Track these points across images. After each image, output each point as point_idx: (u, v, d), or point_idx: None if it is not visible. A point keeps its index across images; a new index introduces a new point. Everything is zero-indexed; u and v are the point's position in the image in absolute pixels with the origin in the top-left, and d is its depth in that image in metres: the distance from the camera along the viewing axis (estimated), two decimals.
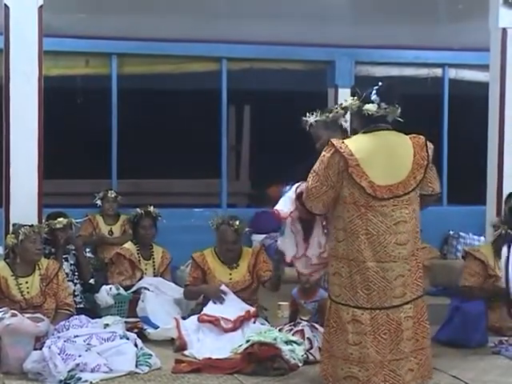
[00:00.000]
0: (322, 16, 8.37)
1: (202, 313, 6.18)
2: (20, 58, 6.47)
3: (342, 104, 5.31)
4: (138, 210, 7.33)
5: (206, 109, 10.06)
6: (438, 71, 10.30)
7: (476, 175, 8.03)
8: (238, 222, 6.54)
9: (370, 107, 4.81)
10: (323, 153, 4.75)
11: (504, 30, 7.22)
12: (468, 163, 10.24)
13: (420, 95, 10.33)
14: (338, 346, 4.76)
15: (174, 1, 8.01)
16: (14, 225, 6.25)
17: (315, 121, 5.76)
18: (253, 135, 11.96)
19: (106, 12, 8.30)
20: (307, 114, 5.78)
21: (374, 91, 4.85)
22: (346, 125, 5.75)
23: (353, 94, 4.97)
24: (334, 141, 4.75)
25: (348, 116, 5.32)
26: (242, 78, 9.87)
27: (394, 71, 10.20)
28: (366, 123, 4.85)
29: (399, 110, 4.95)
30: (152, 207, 7.34)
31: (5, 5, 6.45)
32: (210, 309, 6.23)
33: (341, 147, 4.70)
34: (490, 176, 7.34)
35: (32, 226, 6.07)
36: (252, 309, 6.22)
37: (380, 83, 4.87)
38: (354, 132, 4.84)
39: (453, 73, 10.31)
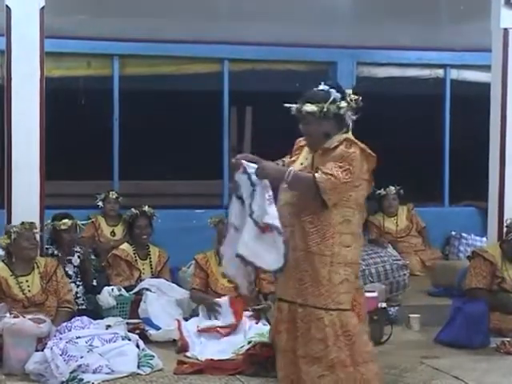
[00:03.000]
0: (324, 17, 8.36)
1: (199, 327, 6.16)
2: (22, 59, 6.47)
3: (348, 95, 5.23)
4: (133, 210, 7.36)
5: (207, 110, 10.05)
6: (440, 72, 10.29)
7: (478, 175, 8.02)
8: None
9: (345, 105, 4.63)
10: (352, 149, 4.48)
11: (506, 31, 7.21)
12: (470, 163, 10.24)
13: (422, 96, 10.34)
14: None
15: (176, 2, 8.00)
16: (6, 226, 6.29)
17: (310, 113, 5.41)
18: (254, 136, 11.94)
19: (107, 13, 8.30)
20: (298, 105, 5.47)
21: (333, 89, 4.63)
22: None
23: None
24: (352, 138, 4.57)
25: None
26: (243, 79, 9.86)
27: (396, 72, 10.20)
28: (342, 124, 4.63)
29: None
30: (147, 207, 7.36)
31: (6, 6, 6.45)
32: (204, 322, 6.24)
33: (362, 146, 4.55)
34: (492, 176, 7.34)
35: (23, 223, 6.10)
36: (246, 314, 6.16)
37: (330, 82, 4.68)
38: (327, 136, 4.55)
39: (455, 73, 10.29)
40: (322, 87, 4.62)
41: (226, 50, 9.55)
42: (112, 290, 6.64)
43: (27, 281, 6.10)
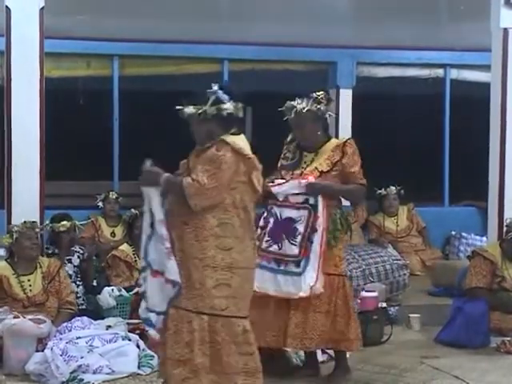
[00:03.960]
0: (324, 17, 8.36)
1: None
2: (21, 59, 6.46)
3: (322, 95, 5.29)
4: (132, 210, 7.36)
5: None
6: (440, 72, 10.29)
7: (478, 175, 8.02)
8: None
9: (230, 107, 4.57)
10: (221, 152, 4.37)
11: (505, 31, 7.21)
12: (470, 163, 10.23)
13: (421, 96, 10.33)
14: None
15: (176, 2, 8.00)
16: (8, 226, 6.29)
17: (306, 110, 5.38)
18: (254, 136, 11.94)
19: (107, 13, 8.29)
20: (296, 100, 5.42)
21: (221, 90, 4.59)
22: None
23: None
24: (227, 140, 4.44)
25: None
26: (243, 80, 9.85)
27: (396, 72, 10.19)
28: (227, 125, 4.53)
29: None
30: None
31: (6, 6, 6.45)
32: None
33: (236, 148, 4.43)
34: (492, 176, 7.34)
35: (25, 222, 6.10)
36: None
37: (224, 82, 4.71)
38: (210, 137, 4.49)
39: (454, 73, 10.29)
40: (212, 89, 4.59)
41: (226, 50, 9.55)
42: (112, 290, 6.64)
43: (29, 280, 6.10)
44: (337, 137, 5.49)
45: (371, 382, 5.41)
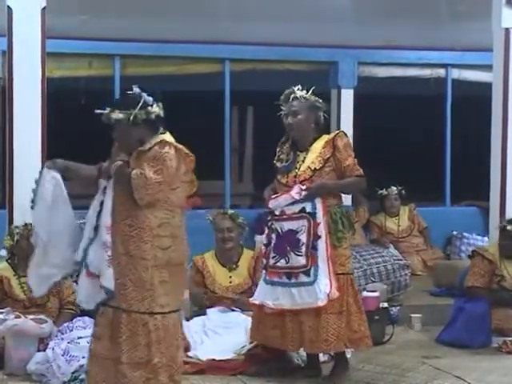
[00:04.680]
0: (325, 17, 8.36)
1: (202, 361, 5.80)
2: (23, 59, 6.47)
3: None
4: None
5: (209, 110, 10.05)
6: (441, 72, 10.28)
7: (479, 175, 8.02)
8: (232, 211, 6.57)
9: (156, 109, 4.55)
10: (165, 149, 4.39)
11: (507, 30, 7.22)
12: (471, 163, 10.24)
13: (423, 96, 10.33)
14: None
15: (177, 2, 8.01)
16: (9, 227, 6.30)
17: (304, 98, 5.38)
18: (256, 136, 11.95)
19: (108, 13, 8.30)
20: (294, 88, 5.43)
21: (143, 92, 4.56)
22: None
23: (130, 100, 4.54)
24: (167, 139, 4.47)
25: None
26: (245, 80, 9.86)
27: (397, 72, 10.19)
28: (156, 128, 4.53)
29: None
30: None
31: (8, 6, 6.46)
32: (213, 316, 6.24)
33: (178, 147, 4.48)
34: (494, 176, 7.34)
35: (26, 224, 6.10)
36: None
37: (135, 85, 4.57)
38: (141, 141, 4.45)
39: (456, 73, 10.29)
40: (133, 90, 4.55)
41: (227, 50, 9.55)
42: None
43: None
44: (324, 132, 5.44)
45: (372, 382, 5.41)
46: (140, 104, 4.50)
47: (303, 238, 5.22)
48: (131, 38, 9.07)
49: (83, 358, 5.32)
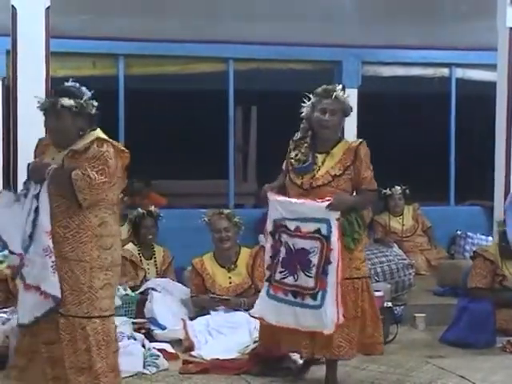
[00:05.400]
0: (329, 16, 8.36)
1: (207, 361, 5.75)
2: (27, 59, 6.48)
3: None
4: (139, 209, 7.38)
5: (213, 109, 10.06)
6: (445, 71, 10.27)
7: (484, 175, 8.02)
8: (228, 211, 6.57)
9: (95, 104, 4.53)
10: (104, 148, 4.38)
11: (511, 30, 7.21)
12: (475, 163, 10.23)
13: (427, 95, 10.33)
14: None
15: (181, 2, 8.01)
16: None
17: (343, 99, 5.14)
18: (260, 136, 11.95)
19: (112, 13, 8.31)
20: (337, 86, 5.20)
21: (81, 86, 4.54)
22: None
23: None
24: (102, 136, 4.49)
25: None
26: (248, 79, 9.86)
27: (401, 71, 10.18)
28: (93, 122, 4.54)
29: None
30: (153, 207, 7.40)
31: (12, 6, 6.48)
32: (216, 316, 6.23)
33: (114, 143, 4.49)
34: (498, 175, 7.33)
35: None
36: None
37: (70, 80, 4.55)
38: (80, 132, 4.43)
39: (460, 72, 10.28)
40: (73, 84, 4.54)
41: (231, 50, 9.55)
42: (118, 289, 6.63)
43: None
44: (342, 136, 5.36)
45: (376, 382, 5.40)
46: (87, 96, 4.50)
47: (315, 259, 5.00)
48: (135, 38, 9.07)
49: None
